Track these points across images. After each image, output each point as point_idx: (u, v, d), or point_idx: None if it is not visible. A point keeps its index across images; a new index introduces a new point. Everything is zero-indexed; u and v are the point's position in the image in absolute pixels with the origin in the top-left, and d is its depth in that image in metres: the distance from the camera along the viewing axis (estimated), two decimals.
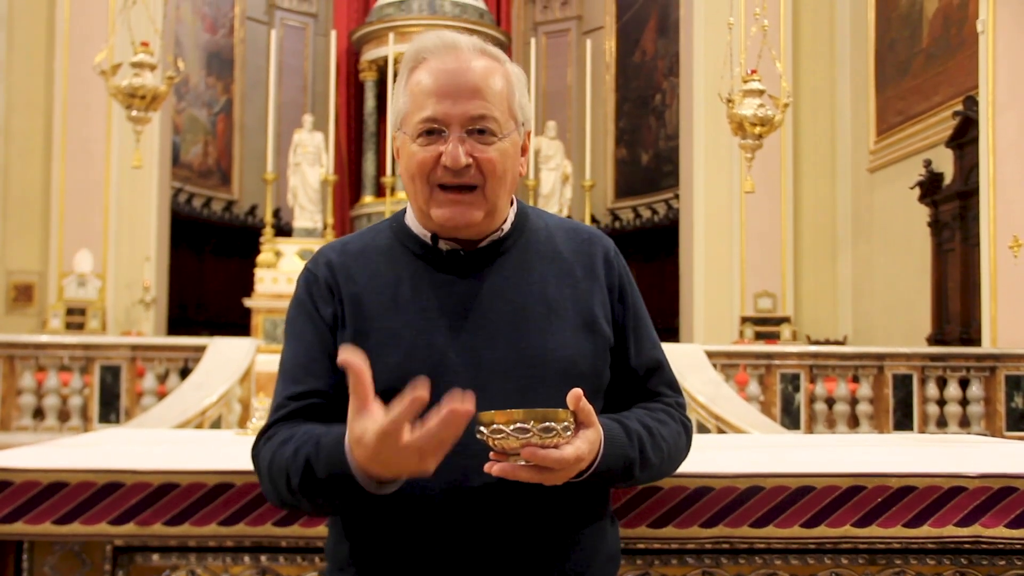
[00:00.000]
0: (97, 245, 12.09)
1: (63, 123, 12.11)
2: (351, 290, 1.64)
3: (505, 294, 1.63)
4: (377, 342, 1.58)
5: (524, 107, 1.69)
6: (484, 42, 1.67)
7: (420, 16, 14.53)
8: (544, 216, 1.79)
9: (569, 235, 1.75)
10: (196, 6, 15.87)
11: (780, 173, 12.41)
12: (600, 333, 1.66)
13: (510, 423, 1.40)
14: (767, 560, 1.97)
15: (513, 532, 1.55)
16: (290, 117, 15.78)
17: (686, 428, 1.74)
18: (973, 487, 1.95)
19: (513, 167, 1.65)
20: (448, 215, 1.60)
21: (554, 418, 1.42)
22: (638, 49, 16.72)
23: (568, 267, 1.69)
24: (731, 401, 7.42)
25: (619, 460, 1.56)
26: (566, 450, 1.43)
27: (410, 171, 1.62)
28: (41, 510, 1.85)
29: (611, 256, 1.74)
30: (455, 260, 1.65)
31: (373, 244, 1.71)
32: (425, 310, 1.61)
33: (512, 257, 1.68)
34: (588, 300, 1.67)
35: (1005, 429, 7.90)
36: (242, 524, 1.88)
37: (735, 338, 12.17)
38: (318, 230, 13.53)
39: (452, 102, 1.58)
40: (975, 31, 9.19)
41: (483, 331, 1.60)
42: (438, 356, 1.57)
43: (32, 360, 7.83)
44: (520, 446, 1.41)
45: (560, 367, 1.59)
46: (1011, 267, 8.58)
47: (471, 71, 1.60)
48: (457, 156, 1.57)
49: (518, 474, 1.43)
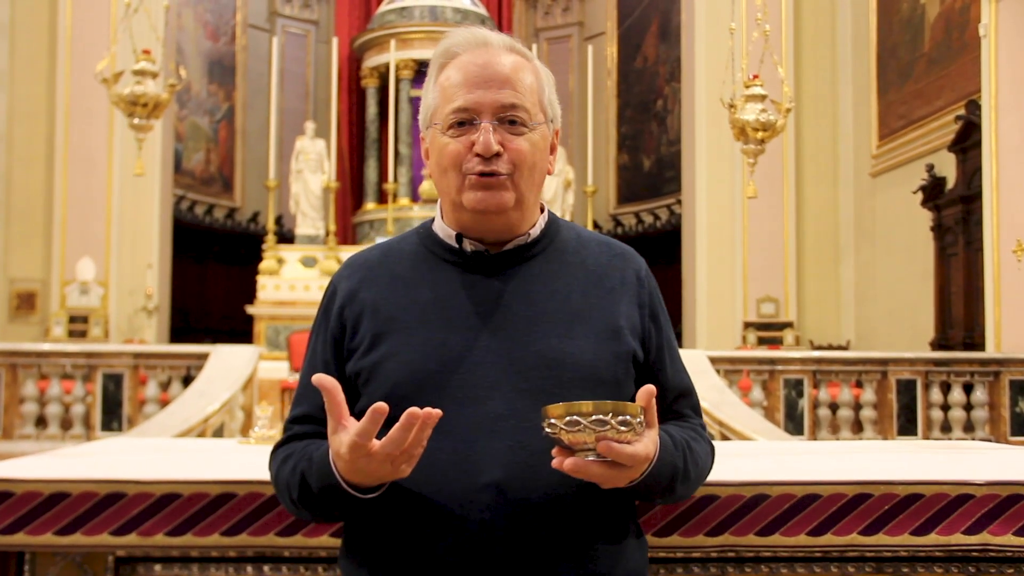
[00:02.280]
0: (99, 253, 12.09)
1: (65, 131, 12.13)
2: (371, 295, 1.65)
3: (528, 297, 1.62)
4: (394, 341, 1.59)
5: (554, 104, 1.70)
6: (514, 40, 1.68)
7: (421, 23, 14.55)
8: (577, 229, 1.78)
9: (602, 249, 1.74)
10: (198, 13, 15.89)
11: (782, 178, 12.42)
12: (624, 342, 1.63)
13: (587, 415, 1.37)
14: (773, 569, 1.96)
15: (526, 532, 1.51)
16: (292, 124, 15.82)
17: (712, 450, 1.74)
18: (981, 494, 1.94)
19: (542, 161, 1.65)
20: (479, 198, 1.60)
21: (631, 412, 1.39)
22: (640, 54, 16.74)
23: (596, 279, 1.68)
24: (735, 407, 7.41)
25: (669, 468, 1.55)
26: (639, 447, 1.42)
27: (442, 164, 1.63)
28: (43, 521, 1.84)
29: (643, 275, 1.73)
30: (479, 261, 1.65)
31: (397, 248, 1.73)
32: (445, 310, 1.61)
33: (538, 263, 1.67)
34: (614, 310, 1.65)
35: (1010, 434, 7.88)
36: (245, 534, 1.87)
37: (738, 343, 12.17)
38: (320, 237, 13.55)
39: (483, 91, 1.60)
40: (977, 35, 9.18)
41: (502, 332, 1.59)
42: (454, 355, 1.57)
43: (35, 368, 7.83)
44: (596, 440, 1.38)
45: (578, 371, 1.57)
46: (1015, 271, 8.56)
47: (501, 64, 1.62)
48: (489, 142, 1.58)
49: (591, 469, 1.41)
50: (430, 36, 14.30)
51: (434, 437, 1.50)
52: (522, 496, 1.50)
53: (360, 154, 15.82)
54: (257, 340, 12.40)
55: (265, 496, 1.87)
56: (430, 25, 14.44)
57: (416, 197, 14.19)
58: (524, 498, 1.50)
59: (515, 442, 1.50)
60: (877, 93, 11.98)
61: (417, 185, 14.14)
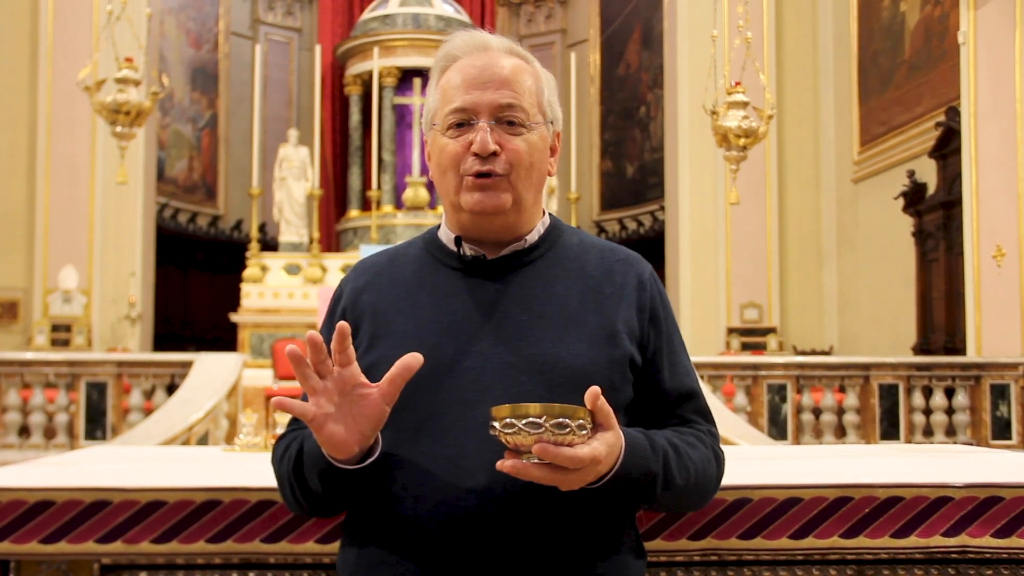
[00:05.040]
0: (82, 261, 12.05)
1: (47, 139, 12.09)
2: (372, 298, 1.68)
3: (525, 302, 1.63)
4: (389, 345, 1.60)
5: (553, 106, 1.70)
6: (514, 43, 1.70)
7: (404, 30, 14.57)
8: (580, 234, 1.78)
9: (603, 254, 1.73)
10: (180, 21, 15.87)
11: (765, 184, 12.47)
12: (620, 347, 1.62)
13: (522, 418, 1.36)
14: (756, 572, 1.97)
15: (519, 537, 1.51)
16: (275, 132, 15.79)
17: (717, 456, 1.68)
18: (960, 497, 1.96)
19: (540, 162, 1.66)
20: (477, 199, 1.61)
21: (570, 415, 1.38)
22: (622, 62, 16.79)
23: (595, 284, 1.67)
24: (718, 412, 7.43)
25: (640, 472, 1.51)
26: (581, 449, 1.39)
27: (441, 165, 1.64)
28: (27, 529, 1.84)
29: (645, 279, 1.71)
30: (478, 266, 1.66)
31: (404, 253, 1.75)
32: (441, 313, 1.62)
33: (537, 268, 1.67)
34: (611, 315, 1.64)
35: (991, 438, 7.93)
36: (230, 541, 1.87)
37: (721, 349, 12.20)
38: (304, 244, 13.53)
39: (481, 91, 1.61)
40: (956, 42, 9.26)
41: (496, 335, 1.59)
42: (446, 357, 1.57)
43: (17, 377, 7.79)
44: (532, 442, 1.37)
45: (570, 375, 1.56)
46: (995, 276, 8.63)
47: (500, 66, 1.64)
48: (486, 142, 1.59)
49: (530, 472, 1.39)
50: (413, 44, 14.32)
51: (425, 441, 1.52)
52: (509, 502, 1.50)
53: (344, 161, 15.81)
54: (241, 348, 12.36)
55: (250, 503, 1.88)
56: (413, 33, 14.46)
57: (400, 204, 14.18)
58: (511, 504, 1.50)
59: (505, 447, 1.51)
60: (858, 100, 12.06)
61: (401, 192, 14.14)
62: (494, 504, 1.50)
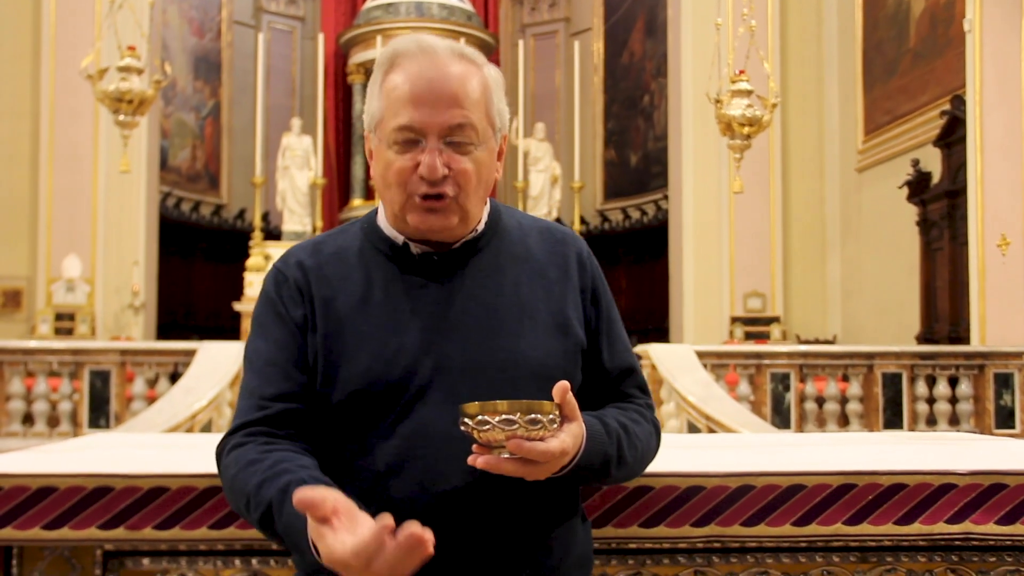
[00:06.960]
0: (85, 250, 12.04)
1: (50, 128, 12.07)
2: (322, 293, 1.64)
3: (478, 296, 1.63)
4: (348, 345, 1.59)
5: (502, 112, 1.67)
6: (462, 45, 1.66)
7: (408, 19, 14.52)
8: (517, 215, 1.78)
9: (543, 235, 1.74)
10: (183, 10, 15.82)
11: (769, 173, 12.44)
12: (572, 335, 1.66)
13: (496, 415, 1.40)
14: (759, 559, 1.98)
15: (483, 535, 1.55)
16: (278, 120, 15.76)
17: (656, 429, 1.76)
18: (963, 484, 1.96)
19: (488, 175, 1.64)
20: (424, 221, 1.59)
21: (540, 410, 1.41)
22: (626, 50, 16.74)
23: (541, 268, 1.69)
24: (722, 401, 7.44)
25: (599, 456, 1.56)
26: (551, 443, 1.43)
27: (386, 179, 1.61)
28: (30, 515, 1.84)
29: (584, 258, 1.74)
30: (427, 263, 1.65)
31: (345, 246, 1.70)
32: (396, 313, 1.61)
33: (485, 258, 1.67)
34: (561, 302, 1.67)
35: (994, 427, 7.93)
36: (232, 527, 1.88)
37: (725, 338, 12.19)
38: (307, 233, 13.53)
39: (430, 110, 1.56)
40: (962, 30, 9.22)
41: (455, 334, 1.60)
42: (409, 359, 1.57)
43: (21, 366, 7.80)
44: (506, 438, 1.40)
45: (531, 369, 1.59)
46: (999, 265, 8.61)
47: (449, 78, 1.58)
48: (435, 167, 1.56)
49: (502, 467, 1.43)
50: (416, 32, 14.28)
51: (390, 442, 1.55)
52: (478, 497, 1.54)
53: (347, 150, 15.78)
54: (244, 337, 12.37)
55: None
56: (416, 21, 14.41)
57: None
58: (481, 499, 1.54)
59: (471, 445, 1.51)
60: (863, 88, 12.02)
61: None
62: (463, 498, 1.53)
